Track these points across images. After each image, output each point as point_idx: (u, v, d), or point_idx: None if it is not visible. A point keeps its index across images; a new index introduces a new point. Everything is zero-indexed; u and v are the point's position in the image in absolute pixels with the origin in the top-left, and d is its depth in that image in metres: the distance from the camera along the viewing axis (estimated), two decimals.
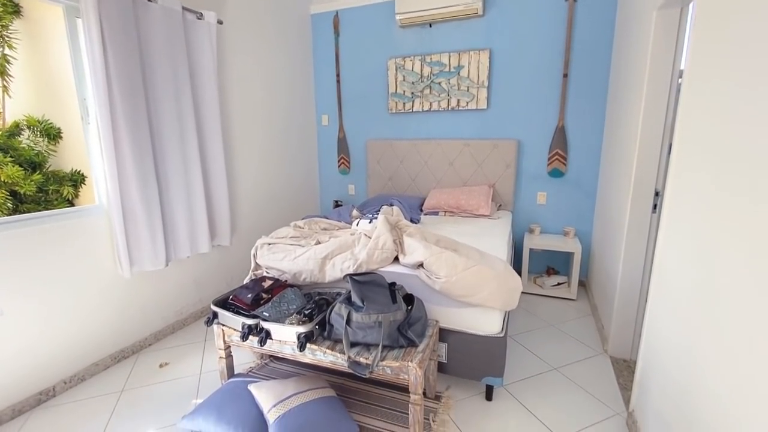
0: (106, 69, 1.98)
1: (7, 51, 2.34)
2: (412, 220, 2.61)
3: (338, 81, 3.84)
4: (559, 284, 3.16)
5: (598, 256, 2.85)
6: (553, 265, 3.39)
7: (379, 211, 2.40)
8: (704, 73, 1.24)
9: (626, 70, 2.37)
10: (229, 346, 1.90)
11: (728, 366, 0.97)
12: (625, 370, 2.11)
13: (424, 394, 1.77)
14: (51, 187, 2.36)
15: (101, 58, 1.94)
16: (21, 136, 2.45)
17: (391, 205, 2.58)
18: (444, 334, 1.86)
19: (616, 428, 1.71)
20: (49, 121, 2.46)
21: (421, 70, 3.44)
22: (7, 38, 2.34)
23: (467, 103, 3.34)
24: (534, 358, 2.24)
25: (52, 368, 1.98)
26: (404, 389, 1.95)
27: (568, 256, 3.31)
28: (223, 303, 1.86)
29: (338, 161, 4.07)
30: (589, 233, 3.24)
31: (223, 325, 1.83)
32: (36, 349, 1.91)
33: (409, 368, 1.50)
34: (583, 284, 3.28)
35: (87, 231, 2.10)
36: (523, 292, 3.15)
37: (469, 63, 3.26)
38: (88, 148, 2.14)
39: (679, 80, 1.89)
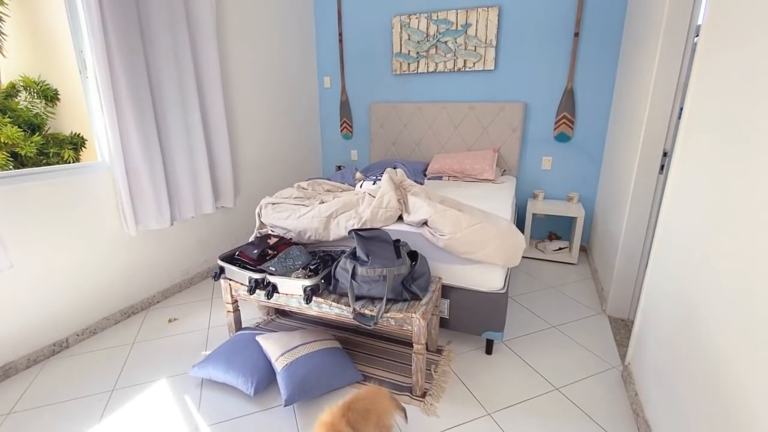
0: (102, 19, 1.91)
1: None
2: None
3: (340, 40, 3.71)
4: (560, 249, 3.19)
5: (601, 221, 2.86)
6: (555, 230, 3.40)
7: (382, 173, 2.39)
8: (722, 30, 1.19)
9: (641, 28, 2.29)
10: (237, 301, 1.94)
11: (726, 317, 0.98)
12: (622, 328, 2.17)
13: (427, 347, 1.83)
14: (51, 150, 2.34)
15: (97, 6, 1.87)
16: (18, 97, 2.41)
17: (395, 168, 2.56)
18: (446, 290, 1.89)
19: (611, 380, 1.77)
20: (45, 82, 2.42)
21: (427, 29, 3.32)
22: None
23: (474, 63, 3.24)
24: (533, 317, 2.30)
25: (65, 321, 2.03)
26: (407, 343, 2.01)
27: (570, 222, 3.32)
28: (230, 258, 1.89)
29: (341, 125, 4.01)
30: (592, 199, 3.23)
31: (230, 279, 1.86)
32: (48, 302, 1.95)
33: (412, 319, 1.54)
34: (584, 250, 3.30)
35: (91, 188, 2.09)
36: (524, 257, 3.20)
37: (477, 21, 3.14)
38: (88, 102, 2.09)
39: (696, 38, 1.82)
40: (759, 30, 0.98)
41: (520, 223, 3.23)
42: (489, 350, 1.96)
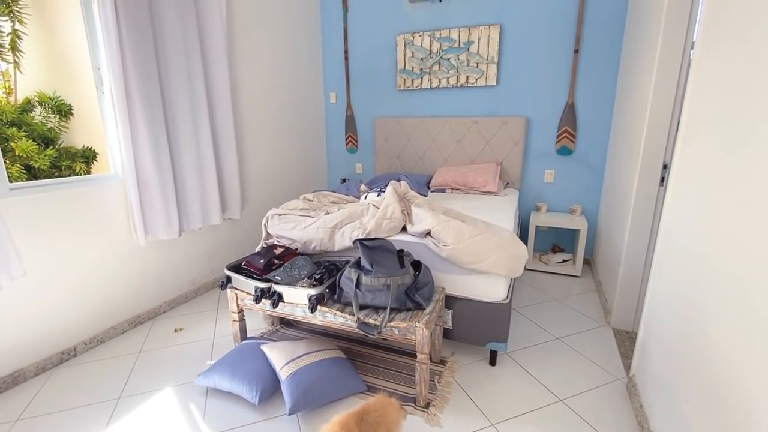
0: (119, 38, 2.00)
1: (17, 26, 2.37)
2: None
3: (346, 58, 3.82)
4: (564, 261, 3.19)
5: (604, 233, 2.87)
6: (558, 243, 3.41)
7: (386, 185, 2.43)
8: (715, 45, 1.24)
9: (639, 43, 2.35)
10: (242, 310, 1.97)
11: (727, 326, 1.00)
12: (627, 340, 2.16)
13: (430, 358, 1.83)
14: (64, 163, 2.41)
15: (114, 26, 1.96)
16: (33, 112, 2.50)
17: (399, 180, 2.61)
18: (450, 300, 1.90)
19: (616, 392, 1.76)
20: (60, 98, 2.50)
21: (430, 46, 3.41)
22: (17, 13, 2.36)
23: (476, 79, 3.32)
24: (537, 329, 2.29)
25: (73, 330, 2.07)
26: (411, 354, 2.01)
27: (573, 235, 3.33)
28: (236, 268, 1.92)
29: (346, 139, 4.08)
30: (595, 211, 3.25)
31: (237, 289, 1.89)
32: (57, 310, 1.99)
33: (416, 328, 1.56)
34: (588, 262, 3.31)
35: (103, 199, 2.15)
36: (528, 269, 3.20)
37: (479, 38, 3.23)
38: (103, 117, 2.18)
39: (692, 52, 1.87)
40: (749, 44, 1.03)
41: (523, 236, 3.24)
42: (493, 361, 1.96)
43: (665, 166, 1.99)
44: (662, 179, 2.01)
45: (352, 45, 3.79)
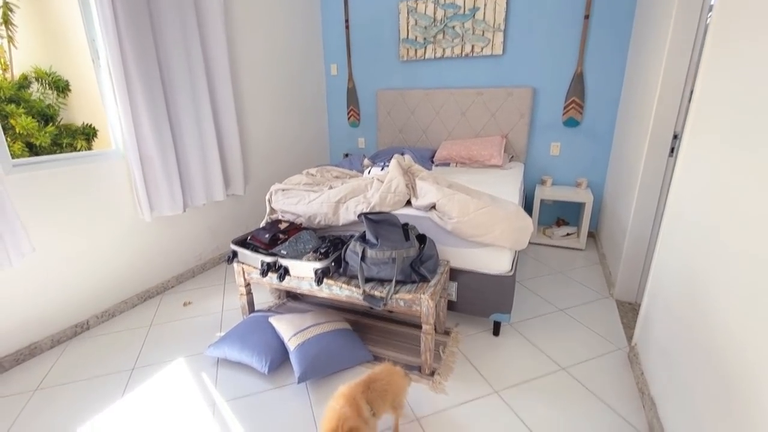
0: (113, 8, 1.93)
1: None
2: None
3: (347, 27, 3.70)
4: (568, 234, 3.19)
5: (610, 206, 2.85)
6: (563, 216, 3.40)
7: (390, 160, 2.40)
8: (735, 8, 1.18)
9: (652, 7, 2.25)
10: (249, 284, 1.99)
11: (733, 292, 1.00)
12: (630, 311, 2.18)
13: (435, 329, 1.87)
14: (65, 141, 2.39)
15: None
16: (30, 88, 2.46)
17: (403, 154, 2.58)
18: (454, 273, 1.92)
19: (617, 361, 1.79)
20: (56, 74, 2.45)
21: (434, 14, 3.29)
22: None
23: (482, 48, 3.21)
24: (541, 301, 2.32)
25: (85, 304, 2.11)
26: (416, 325, 2.05)
27: (578, 209, 3.31)
28: (242, 243, 1.94)
29: (348, 113, 4.01)
30: (601, 185, 3.21)
31: (243, 263, 1.91)
32: (69, 285, 2.03)
33: (421, 300, 1.57)
34: (592, 235, 3.30)
35: (107, 175, 2.15)
36: (532, 243, 3.21)
37: (485, 4, 3.10)
38: (101, 91, 2.13)
39: (709, 15, 1.79)
40: None
41: (528, 209, 3.22)
42: (496, 332, 1.99)
43: (675, 137, 1.95)
44: (672, 150, 1.97)
45: (353, 13, 3.66)
